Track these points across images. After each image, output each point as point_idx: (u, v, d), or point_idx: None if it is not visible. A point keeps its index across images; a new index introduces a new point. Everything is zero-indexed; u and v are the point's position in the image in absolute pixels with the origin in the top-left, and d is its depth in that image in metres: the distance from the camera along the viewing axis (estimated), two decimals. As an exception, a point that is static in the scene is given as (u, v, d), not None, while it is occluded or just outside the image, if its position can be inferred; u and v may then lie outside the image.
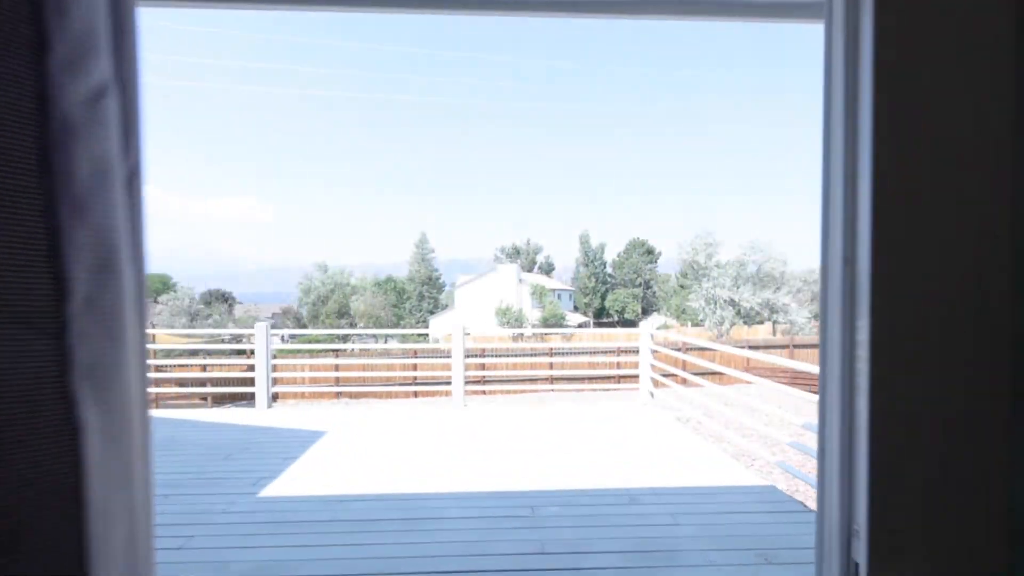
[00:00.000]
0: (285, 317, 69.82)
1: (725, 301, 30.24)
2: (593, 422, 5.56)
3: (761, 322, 36.77)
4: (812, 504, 4.67)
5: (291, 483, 3.83)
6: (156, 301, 54.03)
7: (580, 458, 4.33)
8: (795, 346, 15.41)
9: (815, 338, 15.68)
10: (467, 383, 6.36)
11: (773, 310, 30.83)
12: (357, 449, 4.68)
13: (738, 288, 30.62)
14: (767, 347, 16.58)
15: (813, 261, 36.50)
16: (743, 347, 17.40)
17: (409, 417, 5.88)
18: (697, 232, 32.70)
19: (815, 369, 3.88)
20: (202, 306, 46.18)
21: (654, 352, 6.34)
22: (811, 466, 5.67)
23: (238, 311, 67.37)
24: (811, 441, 6.29)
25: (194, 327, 41.49)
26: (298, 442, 4.92)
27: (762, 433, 4.72)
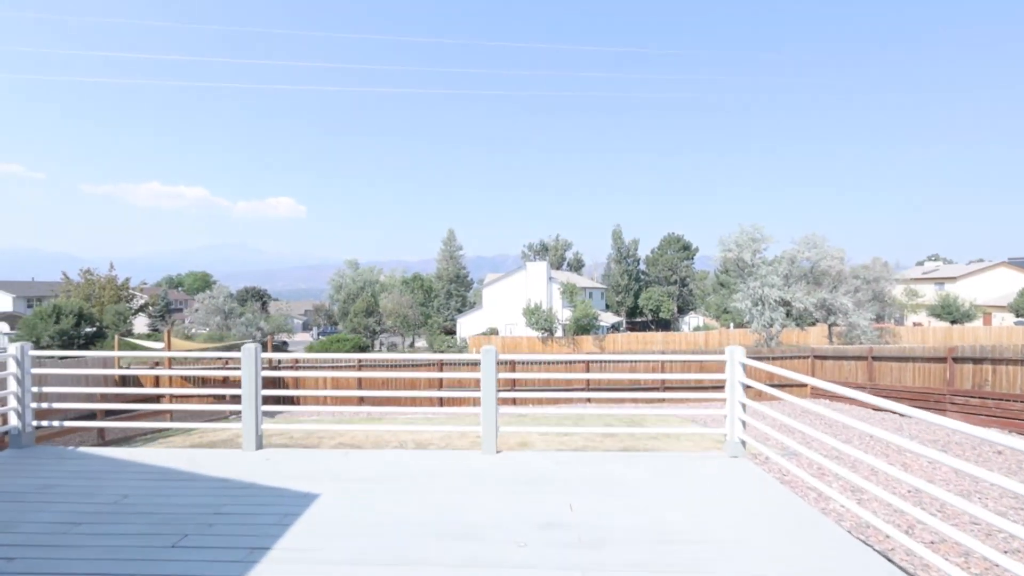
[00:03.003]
0: (317, 314, 70.49)
1: (775, 301, 27.85)
2: (673, 496, 4.10)
3: (813, 324, 34.01)
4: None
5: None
6: (192, 299, 55.21)
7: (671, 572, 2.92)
8: (875, 358, 13.40)
9: (895, 347, 13.66)
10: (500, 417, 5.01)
11: (830, 311, 28.23)
12: (349, 532, 3.41)
13: (789, 287, 28.17)
14: (838, 357, 14.63)
15: (870, 257, 33.29)
16: (806, 356, 15.47)
17: (425, 473, 4.57)
18: (742, 227, 30.25)
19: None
20: (236, 304, 46.72)
21: (746, 387, 4.81)
22: None
23: (271, 308, 68.44)
24: None
25: (228, 324, 41.85)
26: (279, 513, 3.69)
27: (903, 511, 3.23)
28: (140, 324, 49.38)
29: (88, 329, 33.00)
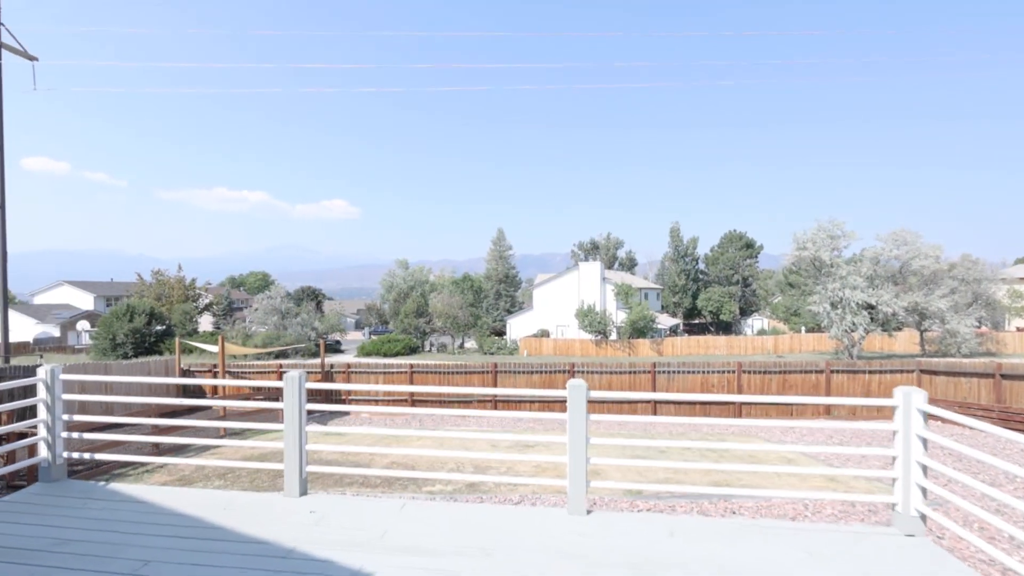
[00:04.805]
0: (368, 313, 71.99)
1: (858, 305, 25.12)
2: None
3: (899, 328, 30.61)
4: None
5: None
6: (252, 299, 57.63)
7: None
8: (1004, 376, 11.31)
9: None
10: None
11: (923, 316, 25.20)
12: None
13: (875, 289, 25.33)
14: (953, 374, 12.56)
15: (956, 254, 29.33)
16: (910, 370, 13.43)
17: (499, 544, 3.60)
18: (819, 223, 27.48)
19: None
20: (292, 304, 48.17)
21: (926, 441, 3.55)
22: None
23: (326, 307, 70.50)
24: None
25: (284, 324, 43.14)
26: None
27: None
28: (205, 322, 51.89)
29: (158, 327, 34.77)
